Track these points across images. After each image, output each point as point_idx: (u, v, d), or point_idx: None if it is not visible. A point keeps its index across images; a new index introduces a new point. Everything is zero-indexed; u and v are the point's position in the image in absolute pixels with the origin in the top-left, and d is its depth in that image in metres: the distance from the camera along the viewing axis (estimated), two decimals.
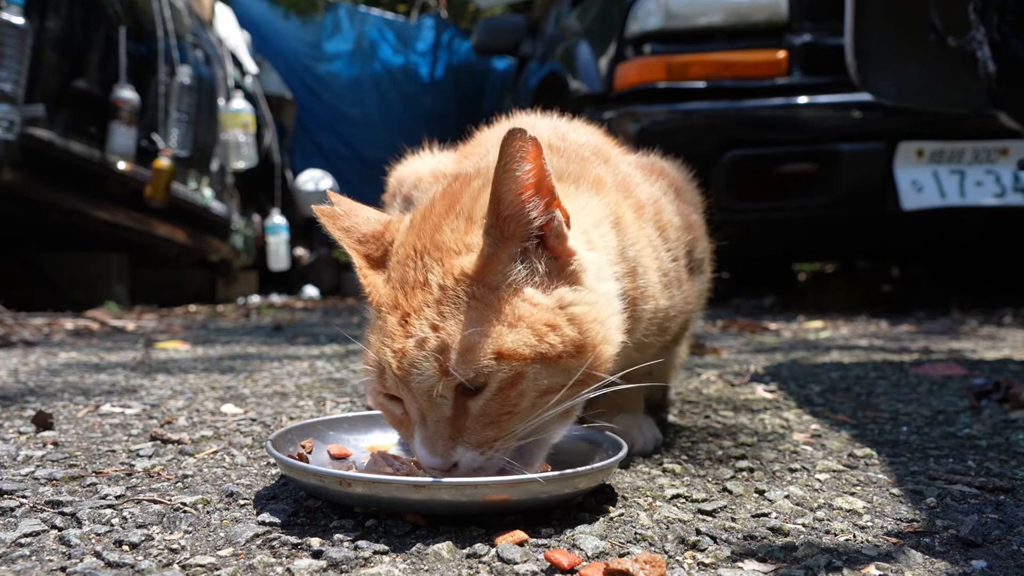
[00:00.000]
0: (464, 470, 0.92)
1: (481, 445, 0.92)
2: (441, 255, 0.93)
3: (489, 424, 0.91)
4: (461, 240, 0.94)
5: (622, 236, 1.13)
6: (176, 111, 4.95)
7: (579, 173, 1.17)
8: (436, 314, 0.90)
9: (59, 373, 2.23)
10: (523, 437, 0.95)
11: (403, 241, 1.00)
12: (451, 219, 0.97)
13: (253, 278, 7.76)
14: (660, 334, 1.26)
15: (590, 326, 0.94)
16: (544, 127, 1.39)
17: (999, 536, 0.94)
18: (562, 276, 0.96)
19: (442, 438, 0.91)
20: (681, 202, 1.37)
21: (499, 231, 0.91)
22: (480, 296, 0.90)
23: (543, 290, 0.94)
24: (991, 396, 1.81)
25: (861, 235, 4.91)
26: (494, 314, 0.89)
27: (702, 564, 0.85)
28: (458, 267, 0.92)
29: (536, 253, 0.95)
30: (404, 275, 0.95)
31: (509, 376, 0.89)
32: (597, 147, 1.34)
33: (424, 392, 0.90)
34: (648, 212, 1.24)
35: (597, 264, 1.03)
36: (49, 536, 0.91)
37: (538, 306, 0.92)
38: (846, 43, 2.43)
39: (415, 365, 0.89)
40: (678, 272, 1.28)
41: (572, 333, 0.92)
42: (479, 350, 0.87)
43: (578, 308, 0.94)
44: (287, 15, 10.12)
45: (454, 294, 0.90)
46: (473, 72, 10.52)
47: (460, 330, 0.88)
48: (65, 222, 4.54)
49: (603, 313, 0.97)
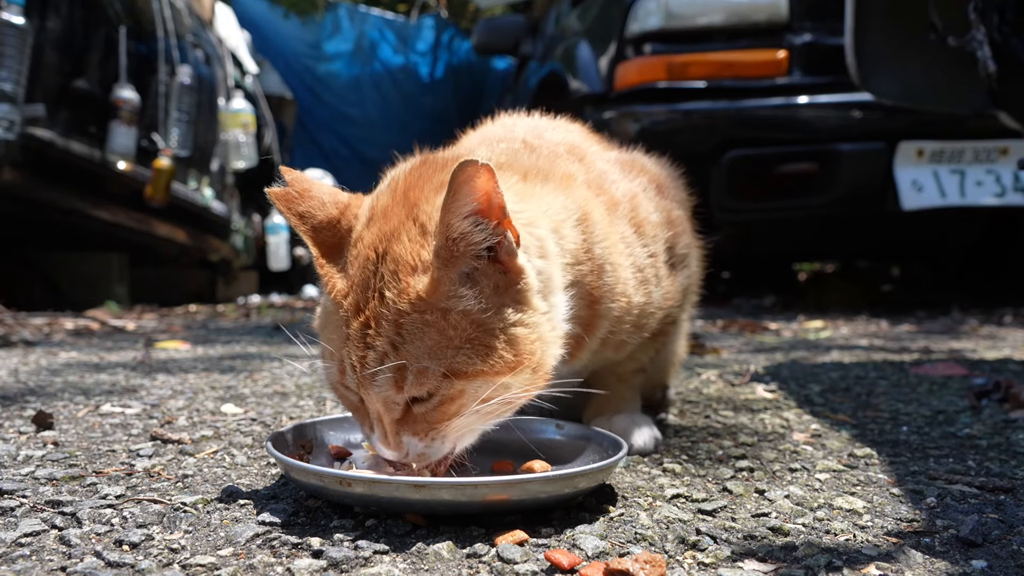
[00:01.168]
0: (412, 455, 0.99)
1: (419, 434, 0.99)
2: (398, 269, 0.96)
3: (430, 423, 0.98)
4: (417, 255, 0.96)
5: (589, 234, 1.14)
6: (176, 111, 4.94)
7: (548, 170, 1.18)
8: (395, 333, 0.95)
9: (59, 373, 2.23)
10: (460, 432, 1.01)
11: (362, 236, 1.02)
12: (408, 224, 0.99)
13: (253, 278, 7.76)
14: (637, 331, 1.27)
15: (530, 347, 0.99)
16: (524, 125, 1.41)
17: (999, 536, 0.94)
18: (509, 294, 0.99)
19: (394, 434, 0.99)
20: (662, 198, 1.37)
21: (448, 252, 0.94)
22: (433, 322, 0.95)
23: (490, 311, 0.97)
24: (991, 396, 1.81)
25: (861, 235, 4.91)
26: (445, 339, 0.95)
27: (702, 564, 0.85)
28: (413, 290, 0.95)
29: (486, 270, 0.97)
30: (365, 279, 0.98)
31: (451, 392, 0.96)
32: (573, 145, 1.35)
33: (381, 399, 0.97)
34: (623, 209, 1.25)
35: (546, 275, 1.04)
36: (49, 536, 0.91)
37: (483, 328, 0.96)
38: (846, 43, 2.43)
39: (375, 378, 0.95)
40: (656, 268, 1.28)
41: (508, 355, 0.97)
42: (431, 373, 0.94)
43: (519, 330, 0.98)
44: (287, 15, 10.12)
45: (411, 318, 0.95)
46: (473, 72, 10.52)
47: (415, 354, 0.94)
48: (65, 222, 4.54)
49: (544, 331, 1.01)
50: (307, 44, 10.17)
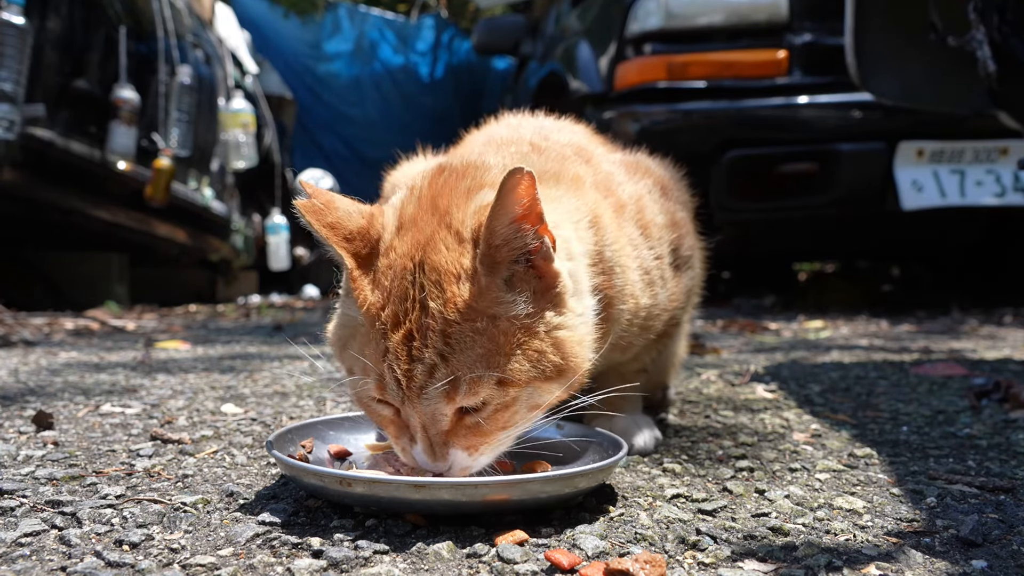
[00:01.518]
0: (456, 469, 0.98)
1: (470, 449, 0.97)
2: (439, 278, 0.94)
3: (480, 434, 0.97)
4: (457, 262, 0.95)
5: (599, 236, 1.14)
6: (176, 111, 4.94)
7: (558, 172, 1.18)
8: (443, 344, 0.93)
9: (59, 373, 2.23)
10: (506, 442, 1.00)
11: (394, 246, 0.99)
12: (443, 232, 0.97)
13: (253, 278, 7.76)
14: (643, 332, 1.27)
15: (573, 349, 0.98)
16: (529, 127, 1.41)
17: (999, 536, 0.94)
18: (547, 298, 0.98)
19: (439, 445, 0.96)
20: (667, 200, 1.37)
21: (491, 259, 0.94)
22: (482, 329, 0.93)
23: (533, 316, 0.96)
24: (991, 396, 1.81)
25: (861, 235, 4.91)
26: (496, 346, 0.93)
27: (702, 564, 0.85)
28: (460, 299, 0.93)
29: (525, 276, 0.97)
30: (403, 290, 0.95)
31: (505, 401, 0.95)
32: (579, 147, 1.35)
33: (431, 412, 0.95)
34: (630, 211, 1.25)
35: (576, 276, 1.04)
36: (49, 536, 0.91)
37: (531, 333, 0.95)
38: (846, 43, 2.43)
39: (425, 390, 0.93)
40: (661, 270, 1.28)
41: (556, 358, 0.96)
42: (484, 382, 0.93)
43: (563, 332, 0.98)
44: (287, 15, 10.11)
45: (459, 327, 0.93)
46: (473, 72, 10.52)
47: (468, 364, 0.92)
48: (65, 222, 4.54)
49: (582, 333, 1.01)
50: (307, 44, 10.16)
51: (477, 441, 0.97)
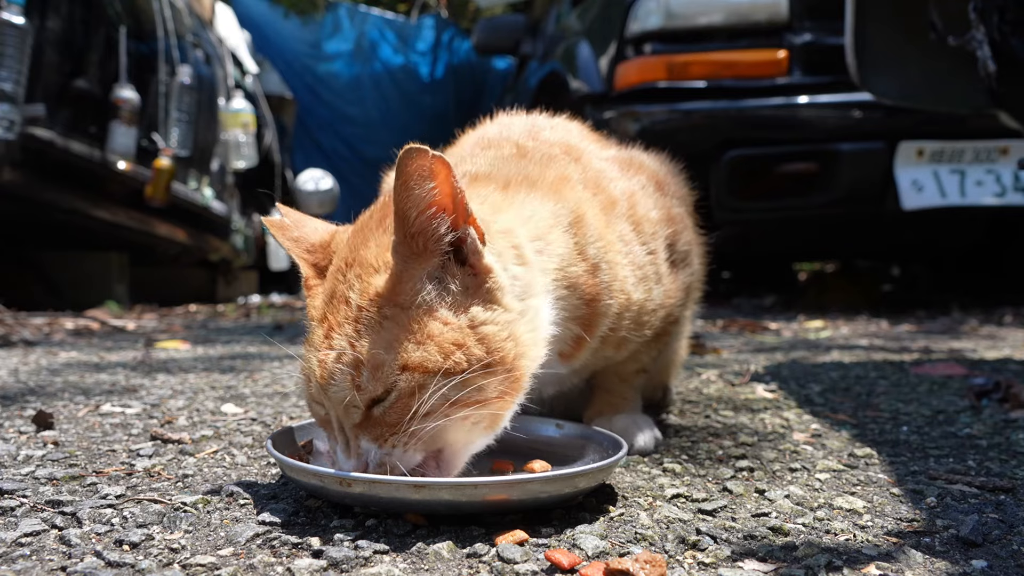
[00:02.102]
0: (372, 464, 0.96)
1: (378, 439, 0.96)
2: (361, 272, 0.97)
3: (389, 424, 0.95)
4: (381, 257, 0.97)
5: (582, 235, 1.14)
6: (176, 111, 4.94)
7: (537, 176, 1.18)
8: (353, 331, 0.94)
9: (59, 373, 2.23)
10: (427, 440, 0.96)
11: (340, 250, 1.04)
12: (378, 233, 1.00)
13: (253, 278, 7.76)
14: (637, 329, 1.26)
15: (500, 344, 0.97)
16: (520, 126, 1.40)
17: (999, 536, 0.94)
18: (478, 294, 0.98)
19: (352, 439, 0.97)
20: (662, 195, 1.36)
21: (407, 248, 0.94)
22: (392, 316, 0.94)
23: (455, 309, 0.96)
24: (991, 396, 1.81)
25: (861, 235, 4.91)
26: (404, 333, 0.93)
27: (702, 564, 0.85)
28: (373, 287, 0.95)
29: (451, 270, 0.97)
30: (334, 288, 0.99)
31: (409, 386, 0.93)
32: (569, 145, 1.34)
33: (339, 401, 0.95)
34: (621, 207, 1.25)
35: (524, 280, 1.03)
36: (49, 536, 0.91)
37: (448, 325, 0.95)
38: (846, 42, 2.43)
39: (333, 377, 0.94)
40: (656, 265, 1.27)
41: (479, 352, 0.95)
42: (386, 367, 0.93)
43: (489, 328, 0.97)
44: (287, 15, 10.12)
45: (369, 314, 0.94)
46: (473, 72, 10.52)
47: (371, 348, 0.93)
48: (65, 222, 4.54)
49: (518, 331, 0.99)
50: (307, 44, 10.16)
51: (385, 431, 0.95)
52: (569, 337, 1.16)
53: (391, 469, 0.95)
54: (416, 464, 0.98)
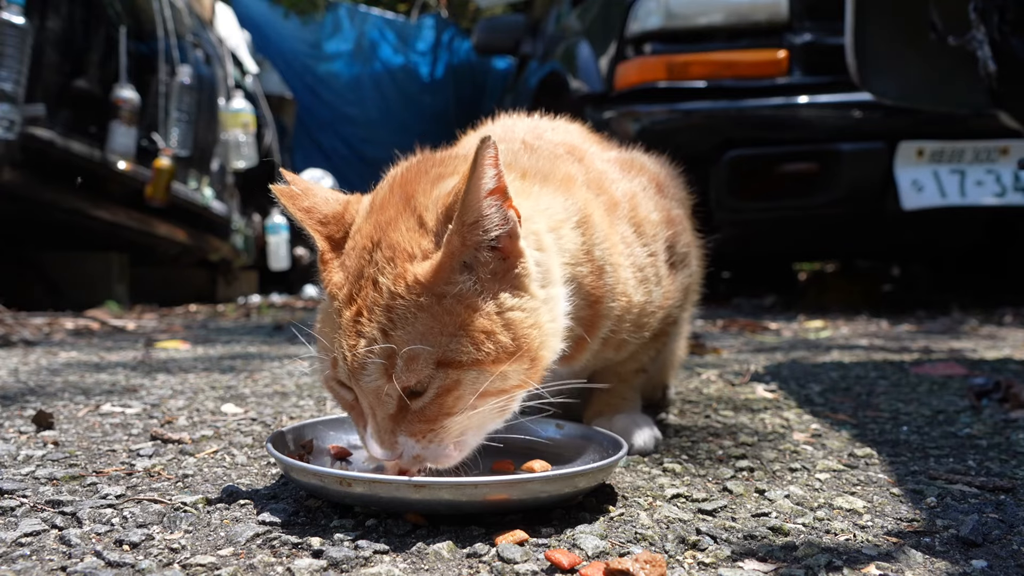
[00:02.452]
0: (407, 457, 0.96)
1: (416, 435, 0.95)
2: (394, 255, 0.95)
3: (427, 421, 0.95)
4: (415, 242, 0.95)
5: (589, 235, 1.14)
6: (176, 111, 4.94)
7: (548, 171, 1.18)
8: (386, 319, 0.93)
9: (59, 373, 2.23)
10: (459, 432, 0.97)
11: (360, 228, 1.01)
12: (406, 215, 0.98)
13: (253, 278, 7.75)
14: (637, 330, 1.26)
15: (526, 332, 0.96)
16: (523, 126, 1.41)
17: (999, 536, 0.94)
18: (507, 279, 0.97)
19: (388, 431, 0.95)
20: (662, 197, 1.36)
21: (461, 238, 0.93)
22: (427, 306, 0.93)
23: (485, 296, 0.95)
24: (991, 395, 1.81)
25: (861, 235, 4.91)
26: (438, 324, 0.92)
27: (702, 564, 0.85)
28: (410, 274, 0.93)
29: (484, 256, 0.96)
30: (360, 268, 0.97)
31: (447, 383, 0.93)
32: (572, 145, 1.35)
33: (372, 391, 0.94)
34: (623, 209, 1.25)
35: (544, 267, 1.04)
36: (49, 536, 0.91)
37: (478, 312, 0.94)
38: (846, 42, 2.43)
39: (365, 366, 0.93)
40: (656, 267, 1.28)
41: (506, 340, 0.94)
42: (421, 360, 0.92)
43: (516, 314, 0.96)
44: (287, 15, 10.12)
45: (404, 302, 0.93)
46: (473, 72, 10.52)
47: (406, 340, 0.92)
48: (65, 222, 4.54)
49: (542, 319, 0.99)
50: (307, 44, 10.17)
51: (424, 427, 0.95)
52: (572, 337, 1.16)
53: (424, 462, 0.96)
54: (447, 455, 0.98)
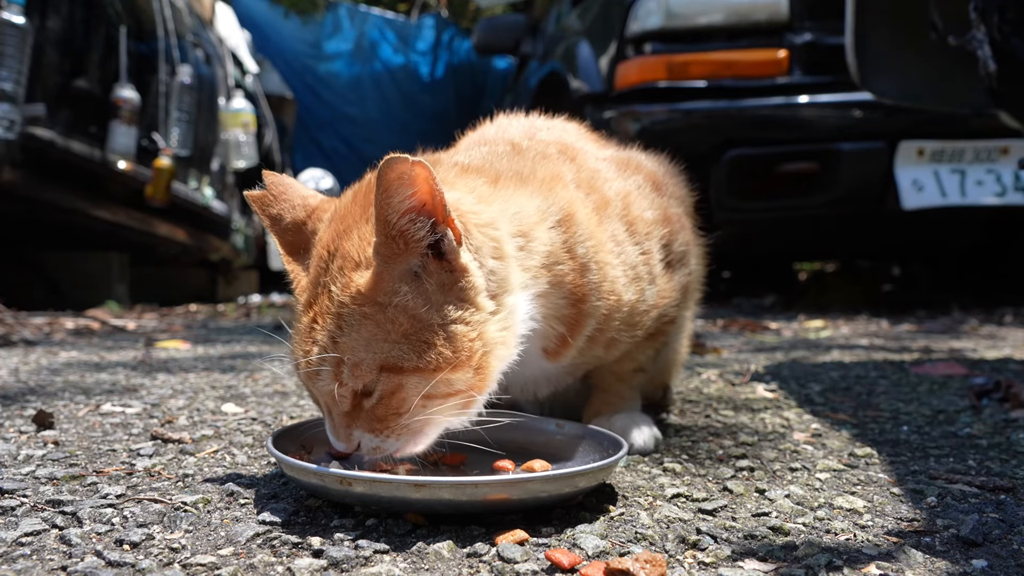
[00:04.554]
0: (366, 448, 1.01)
1: (373, 431, 1.01)
2: (343, 264, 0.99)
3: (378, 419, 1.00)
4: (363, 251, 0.99)
5: (571, 233, 1.15)
6: (176, 110, 4.94)
7: (529, 172, 1.19)
8: (335, 326, 0.98)
9: (60, 372, 2.23)
10: (412, 428, 1.01)
11: (322, 236, 1.06)
12: (361, 223, 1.01)
13: (254, 277, 7.76)
14: (629, 329, 1.26)
15: (468, 344, 0.99)
16: (518, 126, 1.43)
17: (1000, 535, 0.94)
18: (452, 291, 0.99)
19: (343, 427, 1.01)
20: (659, 196, 1.36)
21: (387, 249, 0.95)
22: (371, 315, 0.97)
23: (429, 308, 0.98)
24: (992, 395, 1.81)
25: (862, 234, 4.91)
26: (382, 332, 0.96)
27: (703, 563, 0.85)
28: (354, 285, 0.97)
29: (429, 267, 0.98)
30: (317, 275, 1.02)
31: (390, 387, 0.98)
32: (565, 144, 1.35)
33: (326, 393, 1.00)
34: (615, 207, 1.25)
35: (500, 276, 1.04)
36: (50, 535, 0.91)
37: (420, 322, 0.97)
38: (847, 42, 2.42)
39: (318, 372, 0.98)
40: (649, 266, 1.27)
41: (447, 351, 0.97)
42: (365, 366, 0.96)
43: (458, 327, 0.99)
44: (287, 14, 10.12)
45: (350, 311, 0.97)
46: (474, 71, 10.52)
47: (351, 347, 0.96)
48: (66, 221, 4.54)
49: (488, 330, 1.01)
50: (307, 43, 10.17)
51: (377, 424, 1.00)
52: (553, 335, 1.17)
53: (384, 452, 1.02)
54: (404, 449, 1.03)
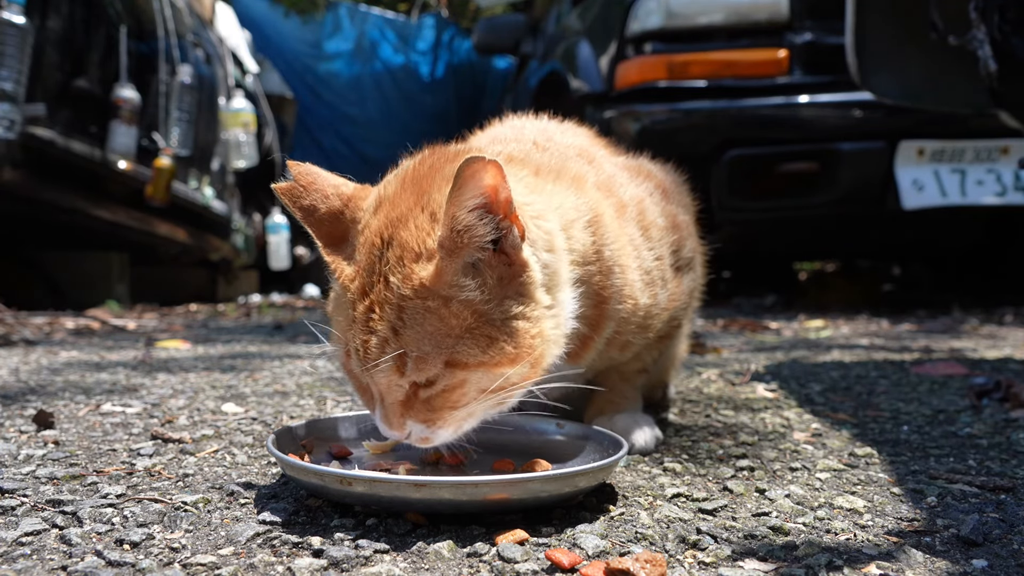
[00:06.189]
0: (416, 438, 1.03)
1: (426, 421, 1.02)
2: (403, 254, 0.98)
3: (433, 410, 1.01)
4: (422, 242, 0.98)
5: (599, 236, 1.15)
6: (177, 110, 4.94)
7: (560, 169, 1.19)
8: (396, 318, 0.97)
9: (60, 372, 2.23)
10: (460, 420, 1.04)
11: (369, 223, 1.04)
12: (416, 212, 1.00)
13: (254, 277, 7.76)
14: (641, 331, 1.27)
15: (530, 341, 1.00)
16: (532, 128, 1.43)
17: (1000, 535, 0.94)
18: (512, 286, 1.00)
19: (396, 415, 1.01)
20: (668, 203, 1.39)
21: (452, 242, 0.95)
22: (434, 308, 0.96)
23: (491, 303, 0.98)
24: (992, 395, 1.81)
25: (862, 234, 4.91)
26: (446, 327, 0.96)
27: (703, 563, 0.85)
28: (416, 277, 0.96)
29: (490, 262, 0.98)
30: (371, 263, 1.00)
31: (453, 382, 0.99)
32: (582, 148, 1.37)
33: (383, 382, 1.00)
34: (631, 212, 1.27)
35: (552, 269, 1.05)
36: (50, 535, 0.91)
37: (484, 319, 0.97)
38: (847, 42, 2.42)
39: (377, 363, 0.97)
40: (662, 271, 1.30)
41: (508, 347, 0.98)
42: (430, 360, 0.96)
43: (521, 323, 0.99)
44: (288, 14, 10.11)
45: (413, 304, 0.96)
46: (474, 71, 10.52)
47: (416, 340, 0.96)
48: (66, 221, 4.54)
49: (545, 326, 1.02)
50: (307, 43, 10.16)
51: (431, 416, 1.01)
52: (576, 337, 1.17)
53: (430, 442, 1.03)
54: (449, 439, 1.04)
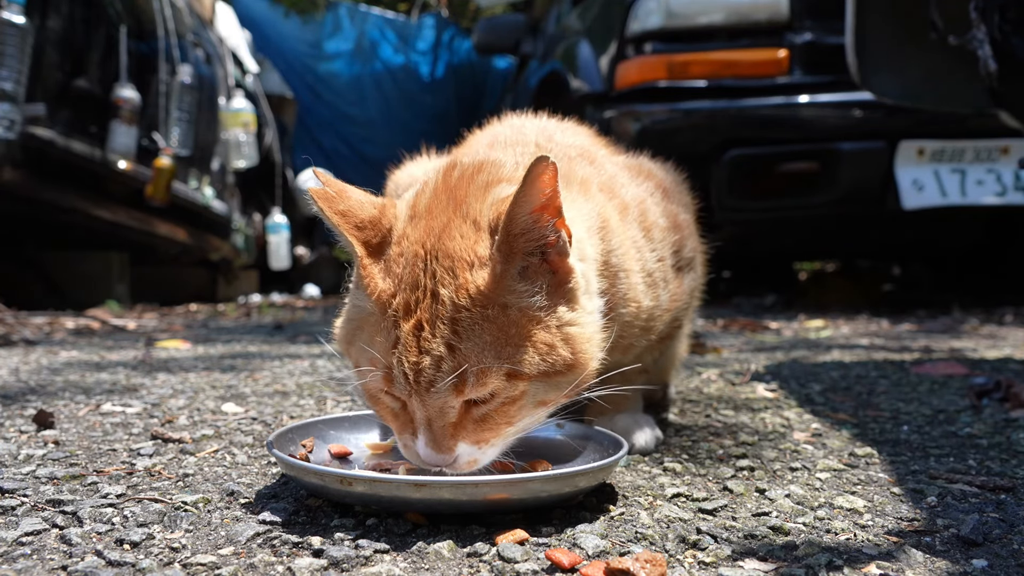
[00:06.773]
0: (463, 462, 0.97)
1: (479, 441, 0.97)
2: (452, 264, 0.93)
3: (488, 428, 0.96)
4: (471, 249, 0.94)
5: (607, 242, 1.14)
6: (177, 110, 4.94)
7: (568, 174, 1.18)
8: (451, 332, 0.91)
9: (60, 372, 2.23)
10: (513, 436, 1.00)
11: (406, 234, 0.98)
12: (458, 222, 0.96)
13: (254, 277, 7.76)
14: (644, 333, 1.27)
15: (583, 346, 0.97)
16: (533, 128, 1.41)
17: (1000, 535, 0.94)
18: (560, 293, 0.98)
19: (447, 438, 0.95)
20: (669, 203, 1.38)
21: (508, 247, 0.93)
22: (493, 317, 0.92)
23: (546, 308, 0.96)
24: (992, 395, 1.81)
25: (862, 234, 4.91)
26: (505, 336, 0.92)
27: (703, 563, 0.85)
28: (472, 284, 0.92)
29: (539, 269, 0.96)
30: (414, 277, 0.94)
31: (514, 394, 0.94)
32: (584, 148, 1.35)
33: (438, 406, 0.93)
34: (633, 213, 1.25)
35: (586, 277, 1.04)
36: (50, 535, 0.91)
37: (541, 325, 0.94)
38: (847, 42, 2.42)
39: (433, 383, 0.91)
40: (664, 272, 1.29)
41: (566, 353, 0.95)
42: (492, 373, 0.91)
43: (574, 329, 0.97)
44: (288, 14, 10.12)
45: (470, 314, 0.92)
46: (474, 71, 10.52)
47: (475, 353, 0.91)
48: (66, 221, 4.54)
49: (591, 331, 1.00)
50: (308, 43, 10.17)
51: (485, 435, 0.96)
52: None
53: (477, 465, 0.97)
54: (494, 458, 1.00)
